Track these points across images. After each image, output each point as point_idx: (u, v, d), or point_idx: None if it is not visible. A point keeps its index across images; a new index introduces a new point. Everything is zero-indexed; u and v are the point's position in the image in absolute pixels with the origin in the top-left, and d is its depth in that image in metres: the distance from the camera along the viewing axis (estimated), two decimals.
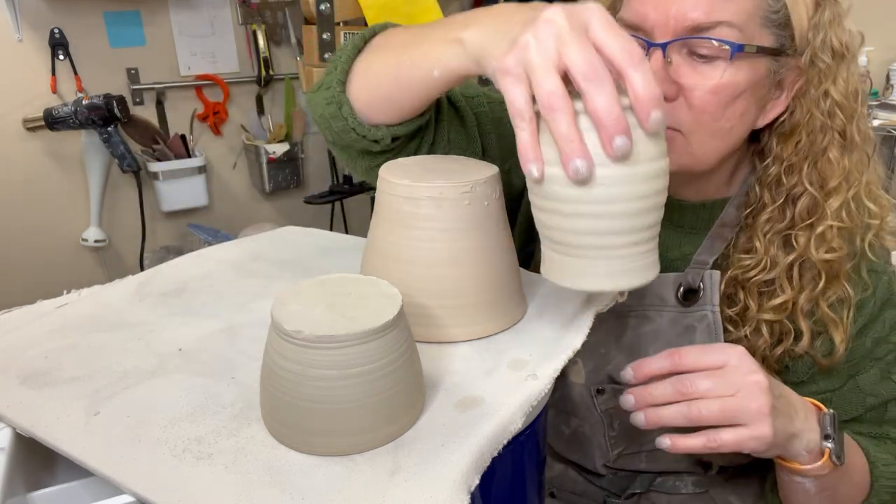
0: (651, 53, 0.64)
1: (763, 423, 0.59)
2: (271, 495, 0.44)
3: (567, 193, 0.50)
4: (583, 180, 0.47)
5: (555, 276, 0.55)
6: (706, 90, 0.63)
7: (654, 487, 0.86)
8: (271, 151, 2.26)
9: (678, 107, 0.65)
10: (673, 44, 0.63)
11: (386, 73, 0.64)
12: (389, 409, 0.48)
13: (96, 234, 2.10)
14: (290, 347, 0.46)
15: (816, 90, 0.66)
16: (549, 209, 0.52)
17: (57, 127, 1.87)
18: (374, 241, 0.64)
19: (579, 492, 0.91)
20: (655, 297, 0.76)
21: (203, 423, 0.51)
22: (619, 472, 0.87)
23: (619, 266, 0.52)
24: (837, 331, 0.70)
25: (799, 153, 0.68)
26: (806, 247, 0.68)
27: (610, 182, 0.49)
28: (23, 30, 1.89)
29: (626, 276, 0.53)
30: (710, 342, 0.74)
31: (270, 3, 2.16)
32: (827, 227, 0.67)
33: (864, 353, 0.73)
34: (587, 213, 0.50)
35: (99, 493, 0.48)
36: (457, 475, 0.45)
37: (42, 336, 0.63)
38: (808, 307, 0.71)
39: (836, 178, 0.67)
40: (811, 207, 0.69)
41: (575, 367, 0.81)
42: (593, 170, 0.47)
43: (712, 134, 0.66)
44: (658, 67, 0.63)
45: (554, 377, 0.55)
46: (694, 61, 0.64)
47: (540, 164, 0.48)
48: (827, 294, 0.70)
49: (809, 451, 0.63)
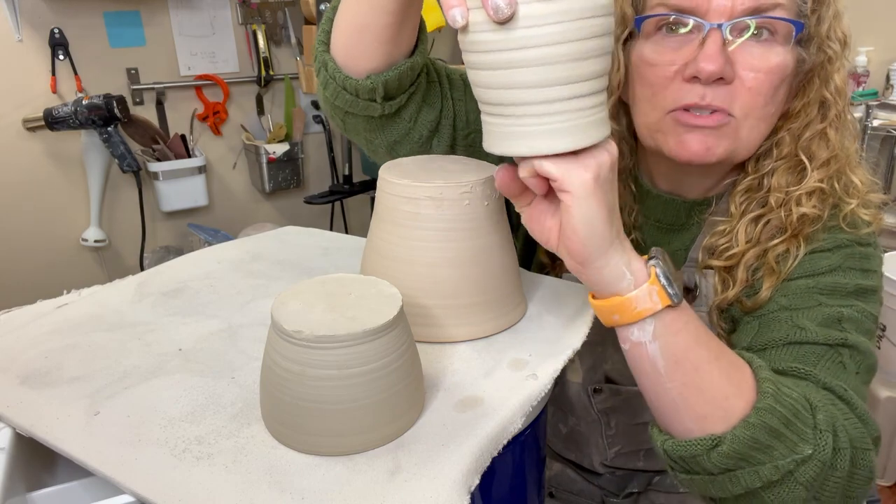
0: (709, 34, 0.63)
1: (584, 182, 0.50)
2: (271, 495, 0.44)
3: (491, 39, 0.45)
4: (504, 20, 0.44)
5: (492, 144, 0.50)
6: (763, 71, 0.63)
7: (652, 486, 0.86)
8: (271, 151, 2.26)
9: (734, 89, 0.64)
10: (730, 25, 0.62)
11: (353, 2, 0.62)
12: (389, 409, 0.48)
13: (96, 234, 2.10)
14: (290, 347, 0.46)
15: (821, 73, 0.68)
16: (477, 64, 0.48)
17: (57, 127, 1.87)
18: (374, 241, 0.64)
19: (577, 491, 0.91)
20: None
21: (203, 423, 0.51)
22: (617, 471, 0.87)
23: (557, 124, 0.47)
24: (770, 278, 0.68)
25: (792, 131, 0.69)
26: (779, 207, 0.69)
27: (534, 21, 0.44)
28: (23, 30, 1.89)
29: (566, 135, 0.47)
30: None
31: (270, 3, 2.16)
32: (810, 189, 0.68)
33: (807, 292, 0.66)
34: (515, 62, 0.46)
35: (99, 493, 0.48)
36: (457, 475, 0.45)
37: (42, 336, 0.63)
38: (754, 261, 0.69)
39: (826, 153, 0.69)
40: (794, 170, 0.70)
41: (572, 366, 0.81)
42: (516, 8, 0.44)
43: (761, 118, 0.66)
44: (718, 48, 0.62)
45: (554, 377, 0.55)
46: (749, 44, 0.63)
47: (464, 8, 0.45)
48: (778, 248, 0.68)
49: (631, 271, 0.52)
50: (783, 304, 0.66)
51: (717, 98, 0.64)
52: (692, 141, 0.66)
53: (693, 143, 0.66)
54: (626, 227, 0.76)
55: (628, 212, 0.78)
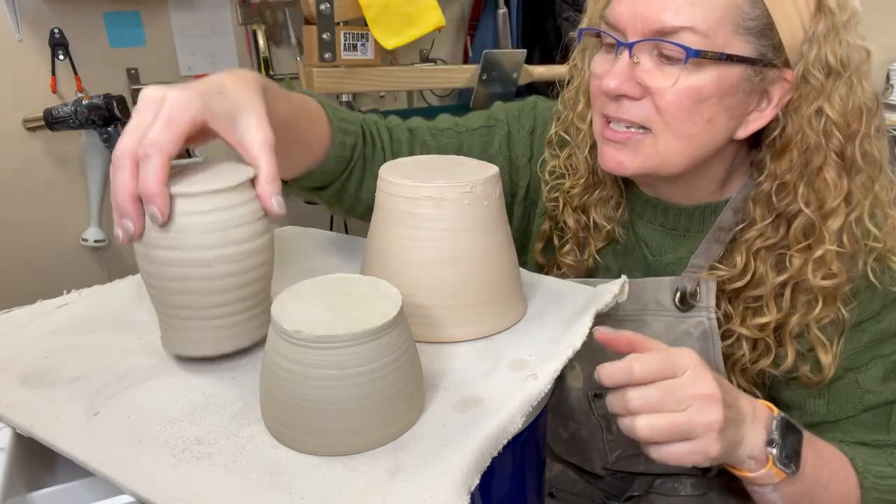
0: (620, 52, 0.65)
1: (709, 439, 0.55)
2: (271, 495, 0.44)
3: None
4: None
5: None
6: (668, 91, 0.63)
7: (653, 489, 0.86)
8: None
9: (645, 106, 0.65)
10: (643, 44, 0.63)
11: None
12: (389, 409, 0.48)
13: (96, 234, 2.10)
14: (290, 347, 0.46)
15: (809, 107, 0.64)
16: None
17: (57, 127, 1.87)
18: (374, 241, 0.64)
19: (578, 492, 0.90)
20: (653, 302, 0.75)
21: (203, 423, 0.51)
22: (618, 474, 0.87)
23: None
24: (826, 353, 0.68)
25: (793, 171, 0.66)
26: (801, 269, 0.66)
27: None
28: (23, 30, 1.89)
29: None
30: (706, 349, 0.73)
31: (270, 3, 2.16)
32: (826, 251, 0.65)
33: (862, 349, 0.70)
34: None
35: (99, 493, 0.48)
36: (457, 475, 0.45)
37: (42, 336, 0.63)
38: (798, 330, 0.69)
39: (834, 200, 0.65)
40: (808, 229, 0.67)
41: (573, 372, 0.81)
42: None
43: (678, 136, 0.65)
44: (624, 66, 0.64)
45: (554, 377, 0.55)
46: (661, 63, 0.64)
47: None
48: (820, 317, 0.67)
49: (752, 458, 0.59)
50: (844, 364, 0.69)
51: (630, 113, 0.66)
52: (607, 153, 0.69)
53: (606, 155, 0.69)
54: (612, 221, 0.77)
55: (614, 206, 0.78)
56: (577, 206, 0.79)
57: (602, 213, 0.78)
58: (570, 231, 0.80)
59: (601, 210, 0.78)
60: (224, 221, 0.52)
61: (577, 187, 0.78)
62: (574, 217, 0.79)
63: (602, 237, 0.79)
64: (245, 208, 0.53)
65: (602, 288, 0.66)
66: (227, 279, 0.53)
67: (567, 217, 0.80)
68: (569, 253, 0.80)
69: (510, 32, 2.17)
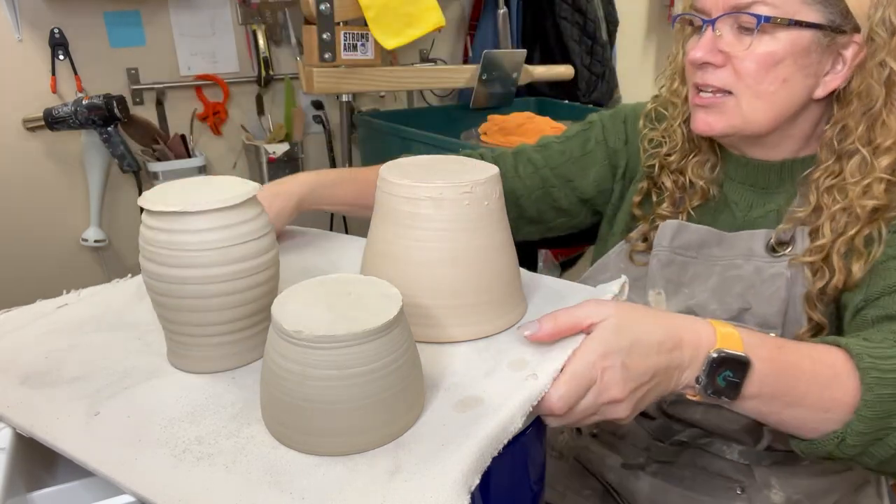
0: (705, 29, 0.76)
1: (617, 416, 0.57)
2: (271, 495, 0.44)
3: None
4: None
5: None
6: (745, 56, 0.73)
7: (700, 444, 0.87)
8: (271, 151, 2.25)
9: (727, 71, 0.75)
10: (723, 19, 0.74)
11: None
12: (389, 409, 0.48)
13: (96, 234, 2.09)
14: (290, 347, 0.46)
15: (873, 61, 0.73)
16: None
17: (57, 127, 1.87)
18: (374, 241, 0.64)
19: (622, 434, 0.92)
20: (745, 249, 0.81)
21: (203, 423, 0.51)
22: (672, 419, 0.88)
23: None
24: (859, 261, 0.73)
25: (854, 116, 0.75)
26: (853, 197, 0.74)
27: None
28: (23, 30, 1.89)
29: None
30: (794, 288, 0.77)
31: (270, 3, 2.16)
32: (875, 179, 0.73)
33: None
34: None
35: (99, 493, 0.48)
36: (457, 475, 0.45)
37: (42, 336, 0.63)
38: (844, 249, 0.75)
39: (887, 140, 0.73)
40: (861, 164, 0.75)
41: (658, 298, 0.85)
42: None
43: (757, 95, 0.75)
44: (708, 39, 0.75)
45: (554, 377, 0.55)
46: (740, 33, 0.74)
47: None
48: (862, 233, 0.74)
49: (685, 387, 0.60)
50: (891, 253, 0.73)
51: (714, 78, 0.76)
52: (697, 117, 0.80)
53: (697, 119, 0.80)
54: (707, 181, 0.87)
55: (710, 168, 0.87)
56: (674, 170, 0.89)
57: (698, 173, 0.87)
58: (668, 191, 0.89)
59: (698, 171, 0.87)
60: (233, 238, 0.53)
61: (675, 153, 0.89)
62: (672, 178, 0.89)
63: (697, 196, 0.87)
64: (252, 224, 0.54)
65: (602, 288, 0.67)
66: (237, 294, 0.54)
67: (665, 179, 0.90)
68: (666, 209, 0.89)
69: (510, 32, 2.17)
